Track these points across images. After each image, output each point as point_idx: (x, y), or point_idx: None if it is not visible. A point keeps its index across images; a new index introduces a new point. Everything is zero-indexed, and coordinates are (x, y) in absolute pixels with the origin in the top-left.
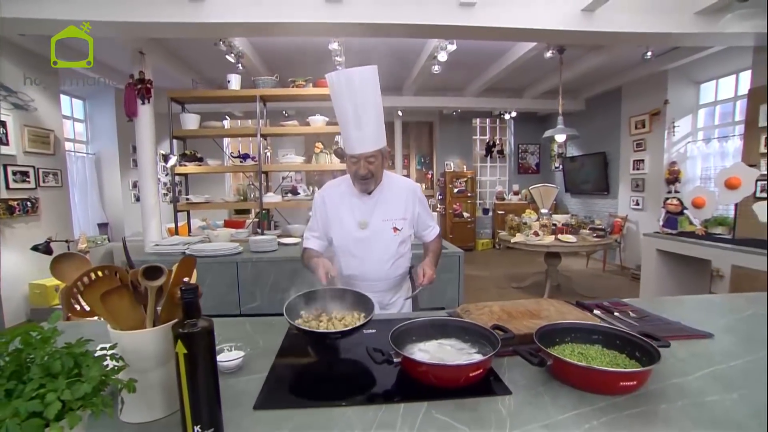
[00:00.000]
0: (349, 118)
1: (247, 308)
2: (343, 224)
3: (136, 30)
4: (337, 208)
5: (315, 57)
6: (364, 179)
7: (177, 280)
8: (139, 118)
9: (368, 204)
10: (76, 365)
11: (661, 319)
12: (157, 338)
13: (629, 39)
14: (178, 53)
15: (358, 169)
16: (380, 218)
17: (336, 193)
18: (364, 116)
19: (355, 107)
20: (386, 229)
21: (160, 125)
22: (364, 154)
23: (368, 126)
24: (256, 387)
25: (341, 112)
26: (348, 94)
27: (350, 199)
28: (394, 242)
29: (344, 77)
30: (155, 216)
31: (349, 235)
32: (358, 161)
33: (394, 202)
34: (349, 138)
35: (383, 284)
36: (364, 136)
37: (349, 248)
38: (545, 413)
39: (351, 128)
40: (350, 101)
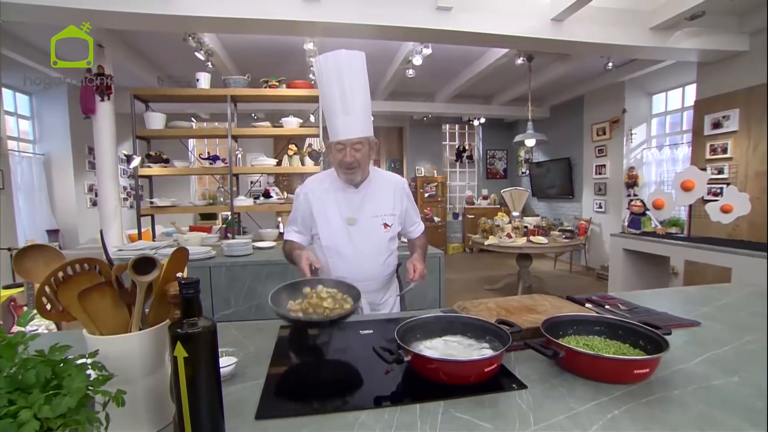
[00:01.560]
0: (336, 102)
1: (222, 315)
2: (329, 222)
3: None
4: (322, 205)
5: (288, 57)
6: (350, 168)
7: (168, 275)
8: (98, 116)
9: (355, 199)
10: (55, 376)
11: (649, 311)
12: (145, 343)
13: (593, 49)
14: (142, 48)
15: (343, 156)
16: (369, 214)
17: (319, 189)
18: (351, 100)
19: (342, 91)
20: (376, 226)
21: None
22: (350, 140)
23: (355, 111)
24: (254, 394)
25: (328, 96)
26: (336, 76)
27: (336, 194)
28: (385, 239)
29: (332, 59)
30: (116, 220)
31: (337, 233)
32: (344, 148)
33: (382, 197)
34: (335, 123)
35: (374, 284)
36: (351, 122)
37: (337, 247)
38: (566, 405)
39: (338, 113)
40: (338, 84)
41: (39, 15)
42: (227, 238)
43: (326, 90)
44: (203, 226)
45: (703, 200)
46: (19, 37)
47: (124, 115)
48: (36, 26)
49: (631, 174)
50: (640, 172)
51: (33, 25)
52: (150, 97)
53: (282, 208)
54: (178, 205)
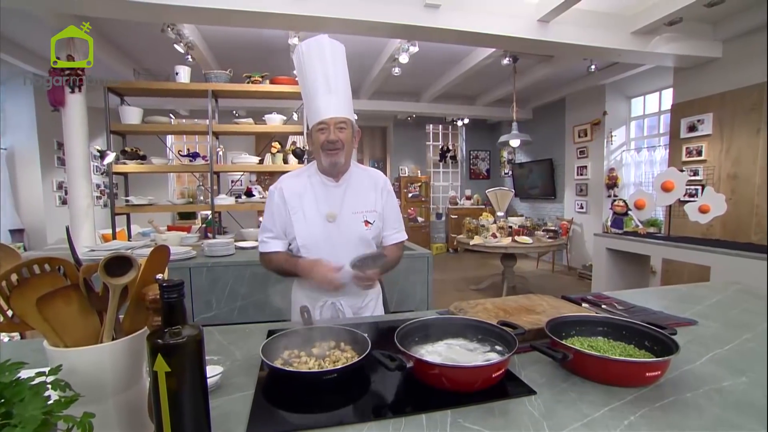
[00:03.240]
0: (319, 83)
1: (202, 318)
2: (307, 218)
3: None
4: (299, 201)
5: (272, 53)
6: (333, 148)
7: (146, 277)
8: (68, 109)
9: (335, 194)
10: (4, 402)
11: (645, 309)
12: (119, 354)
13: (578, 51)
14: (116, 39)
15: (327, 136)
16: (350, 210)
17: (296, 183)
18: (334, 79)
19: (325, 72)
20: (357, 223)
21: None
22: (335, 118)
23: (339, 90)
24: (243, 408)
25: (310, 78)
26: (318, 58)
27: (314, 189)
28: (366, 237)
29: (315, 44)
30: (88, 220)
31: (314, 231)
32: (327, 128)
33: (363, 192)
34: (317, 104)
35: (354, 287)
36: (335, 100)
37: (316, 246)
38: (579, 411)
39: (320, 93)
40: (321, 65)
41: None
42: (207, 237)
43: (308, 73)
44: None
45: (679, 201)
46: None
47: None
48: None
49: (612, 175)
50: (620, 174)
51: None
52: (125, 90)
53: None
54: (155, 204)
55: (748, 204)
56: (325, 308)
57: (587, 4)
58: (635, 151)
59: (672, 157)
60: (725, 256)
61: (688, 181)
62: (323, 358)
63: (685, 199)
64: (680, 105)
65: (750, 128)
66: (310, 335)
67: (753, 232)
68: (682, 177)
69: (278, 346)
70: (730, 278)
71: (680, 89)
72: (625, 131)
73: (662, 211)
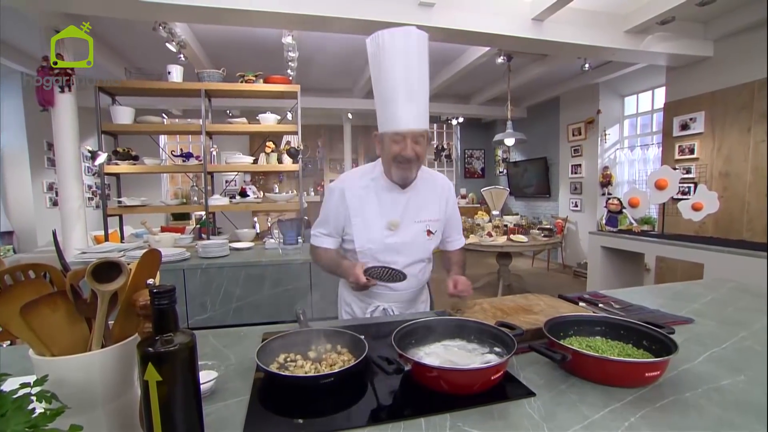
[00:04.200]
0: (399, 86)
1: (196, 320)
2: (368, 225)
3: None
4: (360, 205)
5: (266, 52)
6: (408, 163)
7: (137, 282)
8: (57, 109)
9: (399, 201)
10: None
11: (642, 308)
12: (108, 362)
13: (571, 50)
14: (107, 37)
15: (402, 150)
16: (413, 218)
17: (359, 186)
18: (418, 86)
19: (408, 75)
20: (419, 232)
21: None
22: (413, 131)
23: (421, 99)
24: (238, 414)
25: (389, 78)
26: (402, 57)
27: (377, 194)
28: (426, 247)
29: (401, 36)
30: (79, 221)
31: (376, 239)
32: (403, 140)
33: (429, 200)
34: (394, 111)
35: (408, 294)
36: (416, 110)
37: (374, 254)
38: (579, 413)
39: (399, 99)
40: (404, 66)
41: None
42: (201, 238)
43: (387, 71)
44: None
45: (672, 199)
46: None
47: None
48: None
49: (606, 173)
50: (614, 172)
51: None
52: (117, 90)
53: (259, 208)
54: (148, 205)
55: (739, 201)
56: (377, 312)
57: (581, 3)
58: (629, 150)
59: (665, 155)
60: (718, 253)
61: (681, 179)
62: (319, 362)
63: (679, 197)
64: (672, 103)
65: (741, 126)
66: (306, 338)
67: (745, 229)
68: (675, 175)
69: (274, 350)
70: (723, 275)
71: (672, 88)
72: (619, 129)
73: (656, 209)
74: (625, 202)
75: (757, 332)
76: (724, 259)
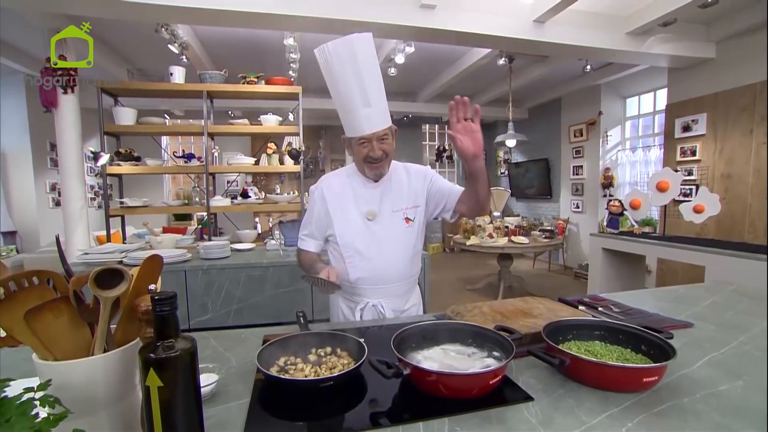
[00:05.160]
0: (354, 94)
1: (197, 321)
2: (347, 217)
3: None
4: (339, 200)
5: (267, 53)
6: (377, 162)
7: (139, 287)
8: (60, 110)
9: (374, 192)
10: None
11: (642, 312)
12: (110, 366)
13: (573, 51)
14: (110, 39)
15: (369, 151)
16: (389, 208)
17: (336, 183)
18: (371, 90)
19: (360, 80)
20: (397, 221)
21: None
22: (376, 133)
23: (377, 100)
24: (239, 417)
25: (344, 88)
26: (351, 65)
27: (353, 189)
28: (408, 236)
29: (344, 47)
30: (82, 222)
31: (355, 230)
32: (368, 143)
33: (402, 189)
34: (356, 118)
35: (396, 288)
36: (375, 113)
37: (356, 246)
38: (576, 418)
39: (358, 106)
40: (354, 74)
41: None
42: (203, 239)
43: (340, 82)
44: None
45: (674, 201)
46: None
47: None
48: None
49: (607, 175)
50: (615, 173)
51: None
52: (119, 91)
53: (260, 209)
54: (150, 206)
55: (741, 203)
56: (366, 310)
57: (582, 4)
58: (630, 151)
59: (667, 156)
60: (719, 255)
61: (682, 181)
62: (319, 365)
63: (680, 198)
64: (674, 105)
65: (743, 128)
66: (306, 341)
67: (746, 231)
68: (676, 177)
69: (274, 353)
70: (724, 278)
71: (674, 89)
72: (621, 131)
73: (657, 210)
74: (626, 203)
75: (757, 336)
76: (725, 262)
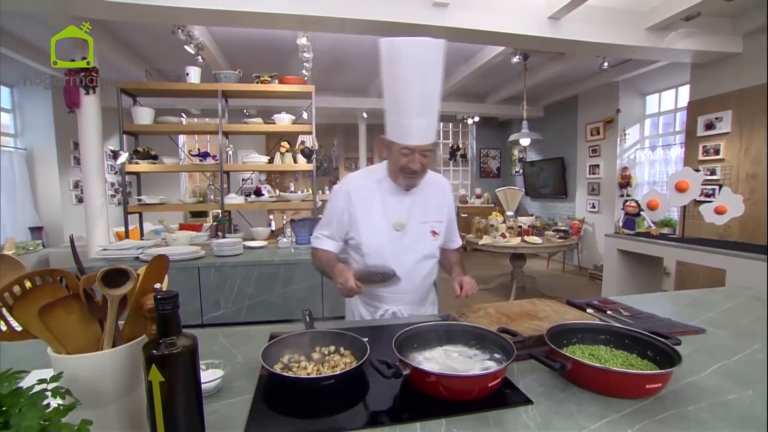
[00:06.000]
0: (413, 101)
1: (210, 317)
2: (374, 227)
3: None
4: (366, 207)
5: (281, 52)
6: (413, 175)
7: (145, 286)
8: (83, 110)
9: (405, 202)
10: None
11: (652, 316)
12: (118, 361)
13: (589, 48)
14: (129, 41)
15: (409, 162)
16: (418, 219)
17: (364, 188)
18: (431, 101)
19: (424, 89)
20: (424, 233)
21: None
22: (421, 146)
23: (433, 112)
24: (242, 412)
25: (403, 92)
26: (417, 70)
27: (382, 196)
28: (431, 248)
29: (417, 49)
30: (102, 218)
31: (381, 240)
32: (411, 154)
33: (433, 202)
34: (407, 126)
35: (413, 296)
36: (428, 125)
37: (381, 255)
38: (575, 423)
39: (413, 114)
40: (419, 80)
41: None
42: (218, 236)
43: (401, 84)
44: (194, 224)
45: (695, 201)
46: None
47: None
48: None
49: (625, 174)
50: (634, 173)
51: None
52: (137, 91)
53: (274, 206)
54: (166, 203)
55: None
56: (386, 317)
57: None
58: (650, 150)
59: (688, 155)
60: (741, 259)
61: (704, 181)
62: (322, 363)
63: (702, 199)
64: (697, 102)
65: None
66: (311, 339)
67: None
68: (697, 177)
69: (279, 350)
70: (746, 282)
71: (697, 86)
72: (639, 129)
73: (677, 211)
74: (643, 204)
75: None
76: (748, 266)
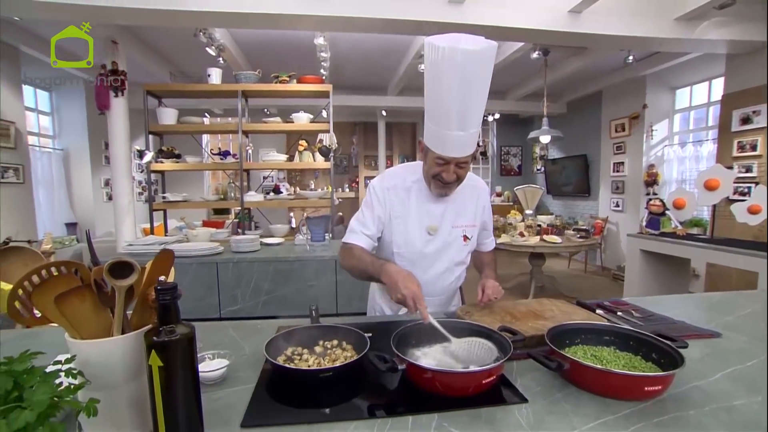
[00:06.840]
0: (453, 112)
1: (228, 311)
2: (408, 229)
3: (105, 15)
4: (403, 207)
5: (299, 52)
6: (446, 186)
7: (151, 278)
8: (112, 112)
9: (439, 206)
10: (17, 387)
11: (665, 318)
12: (126, 347)
13: (613, 42)
14: (154, 44)
15: (443, 172)
16: (450, 223)
17: (401, 185)
18: (474, 114)
19: (466, 101)
20: (456, 238)
21: (134, 121)
22: (458, 158)
23: (474, 124)
24: (243, 400)
25: (445, 101)
26: (458, 78)
27: (418, 199)
28: (462, 253)
29: (466, 55)
30: (129, 215)
31: (414, 242)
32: (446, 164)
33: (467, 206)
34: (446, 137)
35: (439, 299)
36: (468, 138)
37: (412, 257)
38: (568, 423)
39: (453, 125)
40: (460, 89)
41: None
42: (238, 233)
43: (444, 92)
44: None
45: (728, 200)
46: (38, 35)
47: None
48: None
49: (651, 172)
50: (661, 170)
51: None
52: (162, 92)
53: (292, 204)
54: (189, 200)
55: None
56: None
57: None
58: (679, 146)
59: (721, 152)
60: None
61: (740, 179)
62: (323, 357)
63: (735, 197)
64: (732, 95)
65: None
66: (315, 333)
67: None
68: (729, 175)
69: (283, 343)
70: None
71: (733, 78)
72: (668, 125)
73: (708, 210)
74: (669, 203)
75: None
76: None
